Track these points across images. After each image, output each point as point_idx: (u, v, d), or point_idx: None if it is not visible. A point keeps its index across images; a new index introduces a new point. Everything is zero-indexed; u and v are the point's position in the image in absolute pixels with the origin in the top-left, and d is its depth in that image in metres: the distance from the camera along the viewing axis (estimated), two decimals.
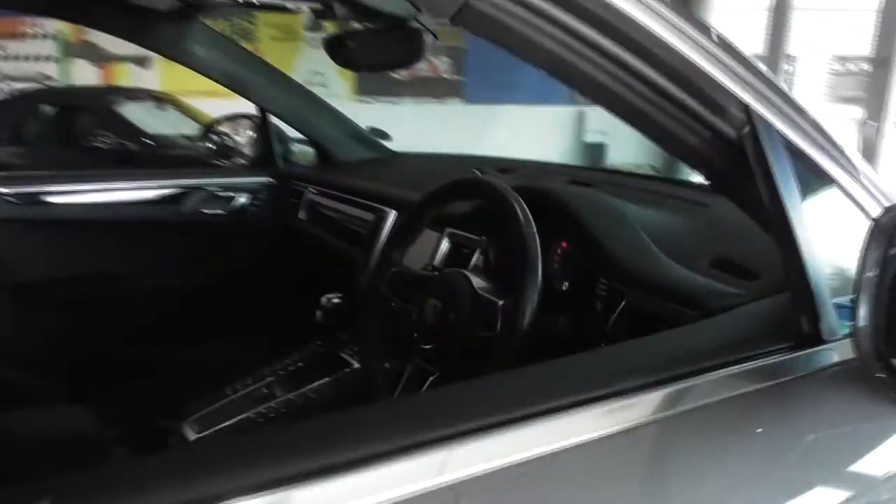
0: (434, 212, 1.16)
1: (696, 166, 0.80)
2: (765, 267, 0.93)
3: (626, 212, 1.09)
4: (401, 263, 1.19)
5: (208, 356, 1.85)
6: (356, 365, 1.42)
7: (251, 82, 1.92)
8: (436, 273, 1.13)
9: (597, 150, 7.02)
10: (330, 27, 2.67)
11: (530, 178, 1.47)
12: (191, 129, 5.13)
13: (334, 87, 6.53)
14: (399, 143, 2.39)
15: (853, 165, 0.78)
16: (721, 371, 0.67)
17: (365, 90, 7.24)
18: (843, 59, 6.09)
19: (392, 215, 1.57)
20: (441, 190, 1.14)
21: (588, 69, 0.69)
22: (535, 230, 0.96)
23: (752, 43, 5.47)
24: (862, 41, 5.36)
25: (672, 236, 1.05)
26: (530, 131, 6.68)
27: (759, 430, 0.69)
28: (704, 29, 0.69)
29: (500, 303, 0.95)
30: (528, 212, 0.98)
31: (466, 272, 1.05)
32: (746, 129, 0.72)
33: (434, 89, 7.40)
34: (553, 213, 1.06)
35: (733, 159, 0.75)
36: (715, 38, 0.70)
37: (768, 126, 0.72)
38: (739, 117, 0.72)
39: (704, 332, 0.77)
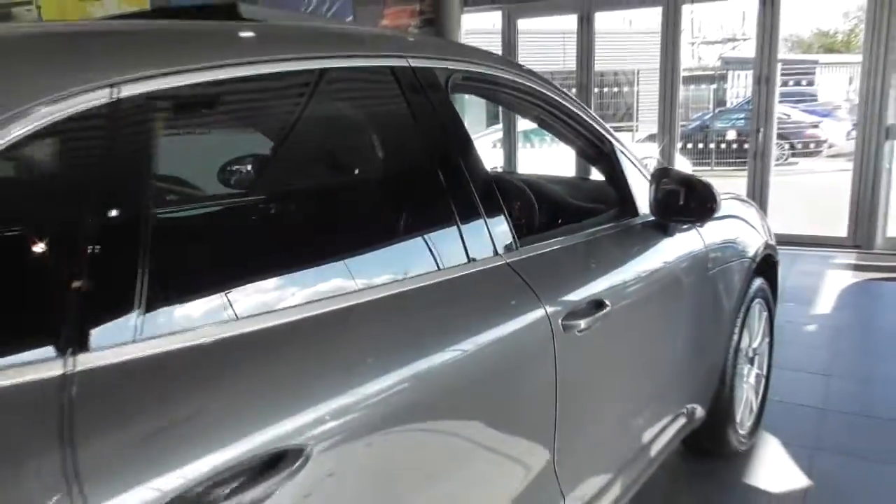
0: None
1: (593, 164, 2.31)
2: (609, 201, 2.46)
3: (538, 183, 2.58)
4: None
5: None
6: None
7: None
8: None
9: None
10: None
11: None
12: None
13: None
14: None
15: (640, 162, 2.33)
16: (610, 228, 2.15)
17: None
18: None
19: None
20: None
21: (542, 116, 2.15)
22: (535, 202, 2.39)
23: None
24: None
25: (570, 189, 2.57)
26: None
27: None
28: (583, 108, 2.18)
29: (523, 220, 2.37)
30: (531, 195, 2.41)
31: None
32: (608, 148, 2.22)
33: None
34: (511, 189, 2.49)
35: (605, 160, 2.26)
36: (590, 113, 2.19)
37: (614, 146, 2.22)
38: (607, 143, 2.22)
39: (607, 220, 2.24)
